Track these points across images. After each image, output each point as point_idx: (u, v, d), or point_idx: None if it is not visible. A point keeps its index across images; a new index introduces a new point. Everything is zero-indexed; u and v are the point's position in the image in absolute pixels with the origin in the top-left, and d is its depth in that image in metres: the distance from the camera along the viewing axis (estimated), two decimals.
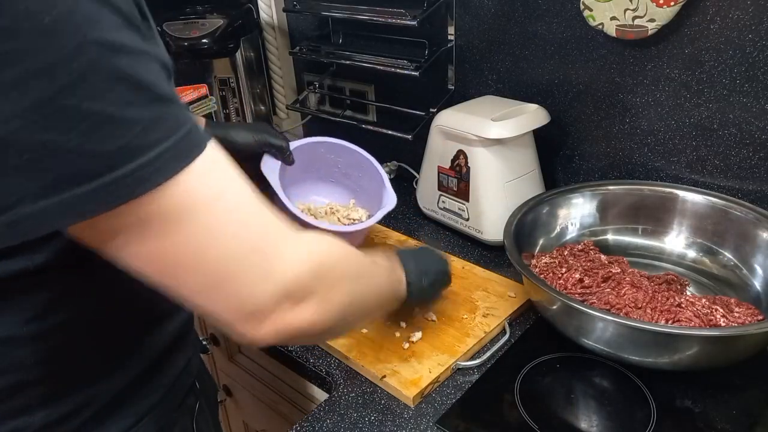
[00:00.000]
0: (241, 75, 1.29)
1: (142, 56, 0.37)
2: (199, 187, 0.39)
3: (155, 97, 0.37)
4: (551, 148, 1.06)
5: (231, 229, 0.40)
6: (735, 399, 0.70)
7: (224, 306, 0.42)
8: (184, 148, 0.38)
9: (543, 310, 0.77)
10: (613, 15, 0.86)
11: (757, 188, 0.86)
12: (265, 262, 0.42)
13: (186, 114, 0.39)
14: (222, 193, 0.40)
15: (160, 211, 0.38)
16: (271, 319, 0.43)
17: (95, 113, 0.35)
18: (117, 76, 0.35)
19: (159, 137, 0.37)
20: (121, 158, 0.36)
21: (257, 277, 0.41)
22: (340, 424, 0.70)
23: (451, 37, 1.12)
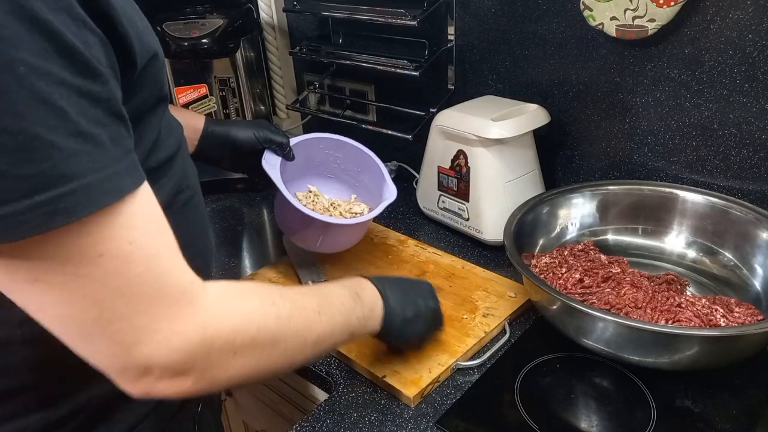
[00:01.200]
0: (241, 75, 1.29)
1: (72, 89, 0.36)
2: (110, 233, 0.38)
3: (78, 131, 0.36)
4: (551, 148, 1.06)
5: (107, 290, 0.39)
6: (735, 399, 0.70)
7: (100, 357, 0.41)
8: (106, 187, 0.37)
9: (543, 310, 0.77)
10: (613, 15, 0.86)
11: (757, 188, 0.86)
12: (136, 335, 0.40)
13: (111, 159, 0.38)
14: (131, 246, 0.39)
15: (64, 250, 0.36)
16: (143, 382, 0.42)
17: (18, 131, 0.33)
18: (41, 99, 0.34)
19: (80, 169, 0.36)
20: (42, 183, 0.34)
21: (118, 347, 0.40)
22: (340, 424, 0.70)
23: (451, 37, 1.12)
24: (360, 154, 1.00)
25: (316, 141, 0.98)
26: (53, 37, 0.35)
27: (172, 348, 0.41)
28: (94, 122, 0.37)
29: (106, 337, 0.40)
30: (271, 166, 0.88)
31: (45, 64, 0.35)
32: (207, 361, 0.43)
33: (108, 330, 0.39)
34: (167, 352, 0.41)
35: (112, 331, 0.40)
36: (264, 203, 1.25)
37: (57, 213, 0.35)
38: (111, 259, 0.38)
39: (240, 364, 0.46)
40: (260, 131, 0.89)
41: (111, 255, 0.38)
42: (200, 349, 0.43)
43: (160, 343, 0.41)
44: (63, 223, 0.35)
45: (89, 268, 0.38)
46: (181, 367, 0.42)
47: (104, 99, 0.38)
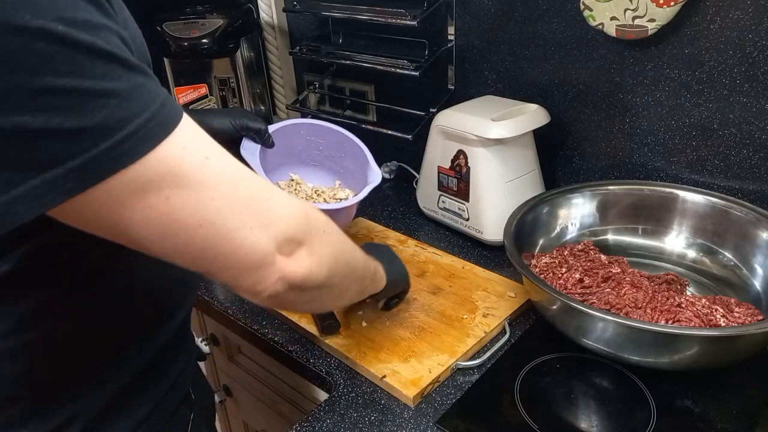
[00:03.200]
0: (241, 75, 1.29)
1: (104, 30, 0.36)
2: (184, 152, 0.39)
3: (127, 67, 0.37)
4: (551, 148, 1.06)
5: (224, 189, 0.41)
6: (735, 399, 0.70)
7: (225, 263, 0.42)
8: (164, 116, 0.38)
9: (543, 310, 0.77)
10: (613, 15, 0.86)
11: (757, 188, 0.86)
12: (258, 216, 0.43)
13: (158, 85, 0.39)
14: (207, 156, 0.40)
15: (149, 179, 0.37)
16: (272, 271, 0.44)
17: (72, 89, 0.34)
18: (87, 50, 0.34)
19: (138, 107, 0.36)
20: (104, 132, 0.35)
21: (254, 231, 0.42)
22: (340, 424, 0.70)
23: (451, 37, 1.12)
24: (343, 139, 0.98)
25: (296, 127, 0.96)
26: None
27: (289, 221, 0.45)
28: (129, 54, 0.38)
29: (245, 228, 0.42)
30: (250, 154, 0.85)
31: (80, 14, 0.35)
32: (309, 231, 0.47)
33: (244, 219, 0.42)
34: (287, 225, 0.45)
35: (247, 219, 0.42)
36: None
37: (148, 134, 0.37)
38: (215, 158, 0.41)
39: (329, 243, 0.50)
40: (237, 118, 0.86)
41: (213, 154, 0.41)
42: (305, 220, 0.47)
43: (280, 219, 0.44)
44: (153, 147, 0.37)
45: (204, 170, 0.40)
46: (298, 237, 0.46)
47: (123, 36, 0.39)
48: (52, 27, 0.33)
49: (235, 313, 0.90)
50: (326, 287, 0.51)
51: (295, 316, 0.85)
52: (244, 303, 0.91)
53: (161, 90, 0.39)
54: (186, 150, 0.39)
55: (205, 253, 0.42)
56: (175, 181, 0.38)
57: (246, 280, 0.44)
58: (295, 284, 0.46)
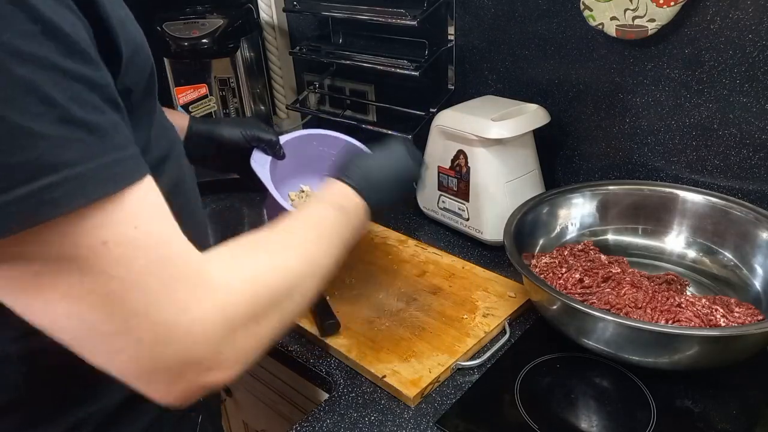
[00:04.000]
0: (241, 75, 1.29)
1: (62, 73, 0.33)
2: (111, 219, 0.35)
3: (67, 118, 0.33)
4: (551, 148, 1.06)
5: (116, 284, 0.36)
6: (735, 399, 0.70)
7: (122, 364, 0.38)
8: (103, 177, 0.34)
9: (543, 310, 0.77)
10: (613, 15, 0.86)
11: (757, 188, 0.86)
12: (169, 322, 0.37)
13: (108, 147, 0.35)
14: (136, 231, 0.36)
15: (62, 239, 0.34)
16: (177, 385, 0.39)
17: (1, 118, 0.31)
18: (24, 85, 0.32)
19: (72, 157, 0.33)
20: (27, 173, 0.32)
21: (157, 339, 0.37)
22: (340, 424, 0.70)
23: (451, 37, 1.12)
24: (355, 151, 0.98)
25: (307, 138, 0.96)
26: (39, 18, 0.33)
27: (198, 339, 0.38)
28: (89, 108, 0.35)
29: (125, 336, 0.36)
30: (260, 166, 0.85)
31: (31, 47, 0.32)
32: (236, 341, 0.41)
33: (126, 328, 0.36)
34: (194, 343, 0.38)
35: (131, 328, 0.36)
36: (264, 203, 1.25)
37: (43, 204, 0.32)
38: (116, 246, 0.35)
39: (265, 328, 0.44)
40: (248, 129, 0.85)
41: (116, 242, 0.35)
42: (227, 332, 0.40)
43: (185, 336, 0.38)
44: (52, 215, 0.33)
45: (93, 258, 0.35)
46: (213, 356, 0.39)
47: (99, 84, 0.36)
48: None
49: None
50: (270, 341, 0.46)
51: None
52: None
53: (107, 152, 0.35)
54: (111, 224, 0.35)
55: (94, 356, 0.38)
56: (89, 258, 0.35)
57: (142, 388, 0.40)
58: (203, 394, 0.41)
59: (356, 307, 0.86)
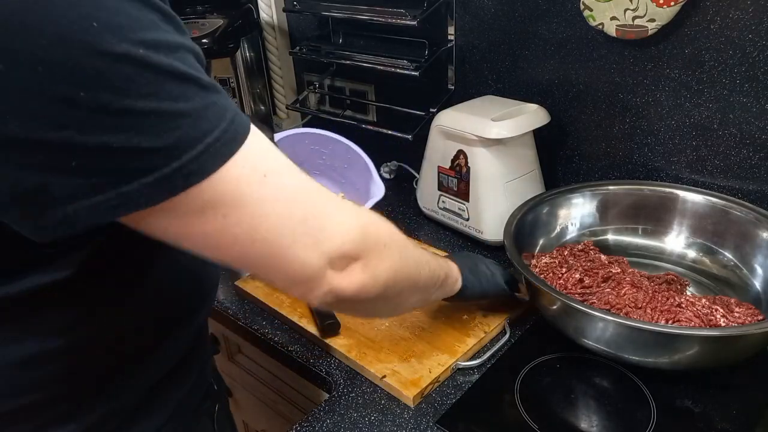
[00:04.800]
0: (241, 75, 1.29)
1: (180, 50, 0.38)
2: (248, 169, 0.40)
3: (200, 86, 0.38)
4: (551, 148, 1.06)
5: (279, 206, 0.42)
6: (735, 399, 0.70)
7: (278, 275, 0.45)
8: (232, 134, 0.40)
9: (543, 310, 0.77)
10: (613, 15, 0.86)
11: (757, 188, 0.86)
12: (312, 233, 0.44)
13: (228, 100, 0.41)
14: (269, 172, 0.42)
15: (210, 198, 0.39)
16: (321, 284, 0.46)
17: (150, 111, 0.35)
18: (165, 72, 0.36)
19: (209, 126, 0.38)
20: (176, 151, 0.37)
21: (305, 248, 0.44)
22: (340, 424, 0.70)
23: (451, 37, 1.12)
24: (347, 151, 0.98)
25: (301, 136, 0.96)
26: (153, 6, 0.37)
27: (344, 238, 0.46)
28: (203, 73, 0.39)
29: (296, 245, 0.43)
30: None
31: (160, 35, 0.36)
32: (367, 247, 0.48)
33: (297, 236, 0.43)
34: (341, 242, 0.46)
35: (300, 236, 0.43)
36: None
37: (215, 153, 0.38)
38: (272, 175, 0.42)
39: (389, 256, 0.51)
40: None
41: (271, 172, 0.42)
42: (361, 236, 0.47)
43: (334, 236, 0.45)
44: (219, 165, 0.38)
45: (262, 189, 0.41)
46: (353, 253, 0.47)
47: (197, 51, 0.41)
48: (134, 51, 0.35)
49: (235, 313, 0.90)
50: (381, 299, 0.53)
51: (295, 315, 0.86)
52: (244, 303, 0.92)
53: (230, 106, 0.40)
54: (246, 169, 0.40)
55: (257, 264, 0.44)
56: (233, 199, 0.40)
57: (297, 290, 0.47)
58: (345, 297, 0.48)
59: None
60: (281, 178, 0.43)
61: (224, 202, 0.40)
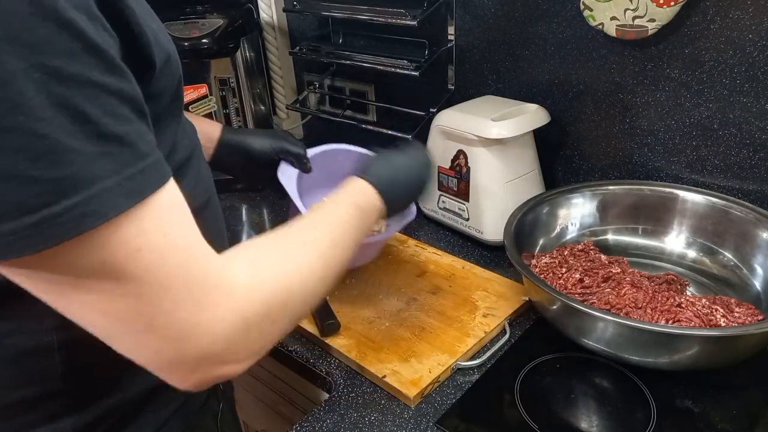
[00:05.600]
0: (241, 75, 1.29)
1: (101, 88, 0.36)
2: (144, 227, 0.38)
3: (99, 133, 0.36)
4: (551, 148, 1.06)
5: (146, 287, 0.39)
6: (735, 399, 0.70)
7: (148, 355, 0.42)
8: (127, 189, 0.37)
9: (543, 310, 0.77)
10: (613, 15, 0.86)
11: (757, 188, 0.86)
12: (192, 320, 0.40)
13: (135, 158, 0.38)
14: (165, 238, 0.39)
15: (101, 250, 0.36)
16: (195, 374, 0.43)
17: (40, 136, 0.33)
18: (61, 104, 0.34)
19: (106, 171, 0.35)
20: (68, 187, 0.34)
21: (182, 334, 0.40)
22: (340, 424, 0.70)
23: (451, 37, 1.12)
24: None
25: (334, 153, 0.96)
26: (80, 36, 0.35)
27: (217, 337, 0.42)
28: (122, 120, 0.37)
29: (152, 333, 0.40)
30: (288, 178, 0.85)
31: (72, 66, 0.34)
32: (249, 339, 0.44)
33: (153, 326, 0.40)
34: (213, 341, 0.42)
35: (158, 326, 0.40)
36: (264, 203, 1.25)
37: (86, 216, 0.35)
38: (149, 253, 0.38)
39: (278, 327, 0.48)
40: (277, 141, 0.86)
41: (149, 248, 0.38)
42: (242, 331, 0.43)
43: (205, 334, 0.41)
44: (93, 226, 0.35)
45: (128, 264, 0.37)
46: (228, 352, 0.43)
47: (131, 96, 0.38)
48: (30, 73, 0.33)
49: None
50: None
51: None
52: None
53: (135, 163, 0.37)
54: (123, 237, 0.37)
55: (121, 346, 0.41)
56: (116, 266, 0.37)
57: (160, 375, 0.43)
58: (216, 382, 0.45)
59: (356, 307, 0.86)
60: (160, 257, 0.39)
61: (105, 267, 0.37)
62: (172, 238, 0.40)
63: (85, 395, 0.51)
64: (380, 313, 0.85)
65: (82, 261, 0.36)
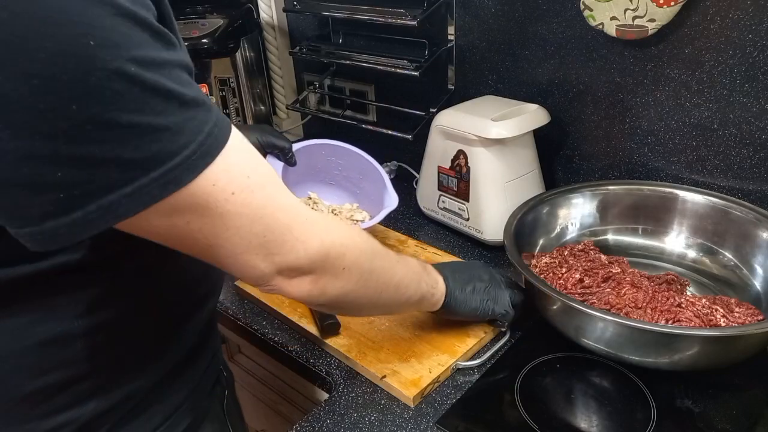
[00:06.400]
0: (241, 75, 1.29)
1: (167, 66, 0.40)
2: (215, 188, 0.43)
3: (182, 102, 0.40)
4: (551, 148, 1.06)
5: (240, 221, 0.45)
6: (735, 399, 0.70)
7: (230, 270, 0.49)
8: (207, 147, 0.42)
9: (543, 310, 0.77)
10: (613, 15, 0.86)
11: (757, 188, 0.86)
12: (268, 247, 0.48)
13: (208, 112, 0.42)
14: (238, 189, 0.44)
15: (182, 205, 0.42)
16: (268, 284, 0.51)
17: (134, 125, 0.37)
18: (151, 89, 0.38)
19: (186, 140, 0.40)
20: (154, 163, 0.39)
21: (257, 257, 0.48)
22: (340, 424, 0.70)
23: (451, 37, 1.12)
24: (362, 162, 1.00)
25: (318, 147, 0.98)
26: (145, 24, 0.38)
27: (299, 255, 0.50)
28: (188, 86, 0.41)
29: (249, 253, 0.47)
30: None
31: (150, 52, 0.38)
32: (323, 267, 0.52)
33: (251, 247, 0.47)
34: (295, 258, 0.50)
35: (254, 247, 0.47)
36: None
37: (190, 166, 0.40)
38: (240, 193, 0.44)
39: (345, 279, 0.55)
40: (263, 135, 0.89)
41: (239, 189, 0.44)
42: (319, 256, 0.51)
43: (289, 252, 0.49)
44: (192, 178, 0.41)
45: (227, 205, 0.44)
46: (305, 268, 0.51)
47: (186, 63, 0.43)
48: (126, 68, 0.36)
49: (235, 313, 0.90)
50: (334, 308, 0.59)
51: (295, 315, 0.86)
52: (244, 303, 0.91)
53: (210, 118, 0.42)
54: (216, 186, 0.43)
55: (213, 260, 0.48)
56: (198, 211, 0.43)
57: (249, 281, 0.51)
58: (294, 297, 0.53)
59: None
60: (250, 195, 0.45)
61: (190, 211, 0.43)
62: (254, 176, 0.46)
63: (109, 380, 0.53)
64: None
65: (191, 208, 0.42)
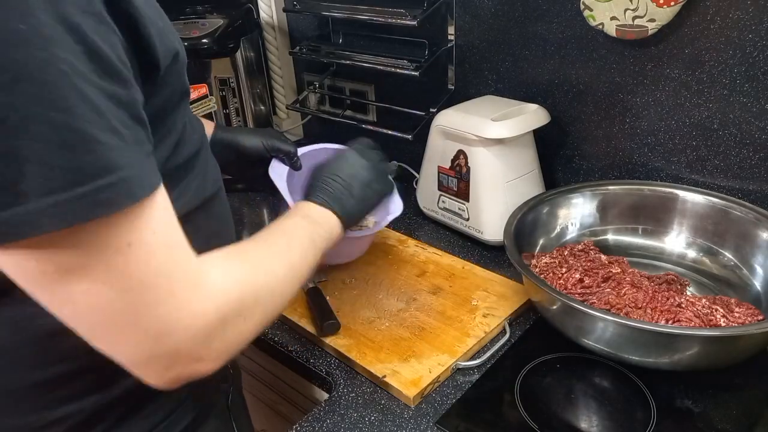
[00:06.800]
0: (241, 75, 1.29)
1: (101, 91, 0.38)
2: (138, 224, 0.40)
3: (114, 128, 0.38)
4: (551, 148, 1.06)
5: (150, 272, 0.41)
6: (735, 399, 0.70)
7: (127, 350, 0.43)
8: (143, 182, 0.39)
9: (543, 310, 0.77)
10: (613, 15, 0.86)
11: (757, 188, 0.86)
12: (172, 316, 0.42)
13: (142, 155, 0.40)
14: (154, 236, 0.41)
15: (98, 240, 0.38)
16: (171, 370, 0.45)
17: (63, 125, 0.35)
18: (82, 96, 0.36)
19: (121, 162, 0.38)
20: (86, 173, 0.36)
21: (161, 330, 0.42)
22: (340, 424, 0.70)
23: (451, 37, 1.12)
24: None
25: (323, 151, 0.97)
26: (84, 40, 0.37)
27: (196, 332, 0.44)
28: (120, 123, 0.39)
29: (133, 327, 0.41)
30: (278, 176, 0.86)
31: (80, 65, 0.36)
32: (225, 335, 0.46)
33: (135, 320, 0.41)
34: (191, 336, 0.43)
35: (139, 320, 0.41)
36: (264, 203, 1.25)
37: (99, 204, 0.37)
38: (138, 249, 0.40)
39: (250, 324, 0.50)
40: (268, 139, 0.88)
41: (138, 244, 0.40)
42: (218, 327, 0.45)
43: (184, 329, 0.43)
44: (105, 213, 0.37)
45: (118, 257, 0.39)
46: (205, 348, 0.45)
47: (126, 102, 0.40)
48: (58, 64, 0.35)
49: None
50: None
51: (295, 315, 0.86)
52: None
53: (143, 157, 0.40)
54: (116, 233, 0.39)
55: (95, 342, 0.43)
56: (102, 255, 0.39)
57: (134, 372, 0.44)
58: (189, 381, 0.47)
59: (356, 307, 0.86)
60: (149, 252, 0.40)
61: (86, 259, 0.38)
62: (160, 237, 0.42)
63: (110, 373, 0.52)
64: (380, 313, 0.85)
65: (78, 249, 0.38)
